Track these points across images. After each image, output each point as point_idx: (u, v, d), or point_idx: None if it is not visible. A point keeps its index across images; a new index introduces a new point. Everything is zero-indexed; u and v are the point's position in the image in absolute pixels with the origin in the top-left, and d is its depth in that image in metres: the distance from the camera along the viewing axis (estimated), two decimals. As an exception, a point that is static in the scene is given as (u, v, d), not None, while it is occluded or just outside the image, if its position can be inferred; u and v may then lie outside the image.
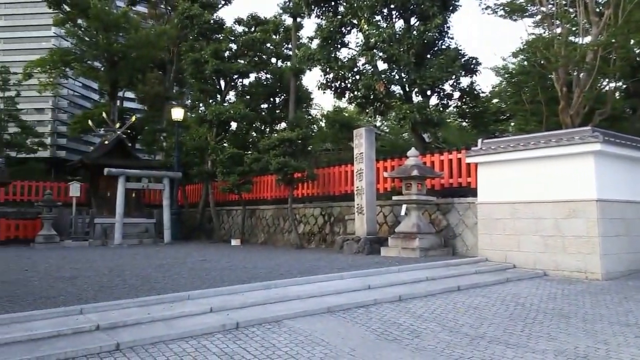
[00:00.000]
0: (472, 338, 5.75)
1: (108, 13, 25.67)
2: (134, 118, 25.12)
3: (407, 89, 17.27)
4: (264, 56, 23.54)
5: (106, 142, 22.37)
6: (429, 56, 16.73)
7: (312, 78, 42.26)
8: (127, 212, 19.80)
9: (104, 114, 23.71)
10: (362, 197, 14.08)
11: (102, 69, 28.87)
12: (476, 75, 17.39)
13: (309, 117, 26.82)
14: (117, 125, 23.58)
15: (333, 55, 18.08)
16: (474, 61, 17.09)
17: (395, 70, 16.83)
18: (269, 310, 6.68)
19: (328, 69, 18.07)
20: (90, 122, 26.07)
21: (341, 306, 7.07)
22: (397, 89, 17.73)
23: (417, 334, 5.91)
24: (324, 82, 18.60)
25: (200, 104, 25.02)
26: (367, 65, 17.52)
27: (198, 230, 22.86)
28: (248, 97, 24.54)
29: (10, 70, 33.35)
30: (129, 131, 24.79)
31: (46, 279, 8.61)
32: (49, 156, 53.72)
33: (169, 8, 32.19)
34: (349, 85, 18.37)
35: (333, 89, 18.76)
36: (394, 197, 13.51)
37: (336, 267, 10.22)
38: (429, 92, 16.98)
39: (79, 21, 27.18)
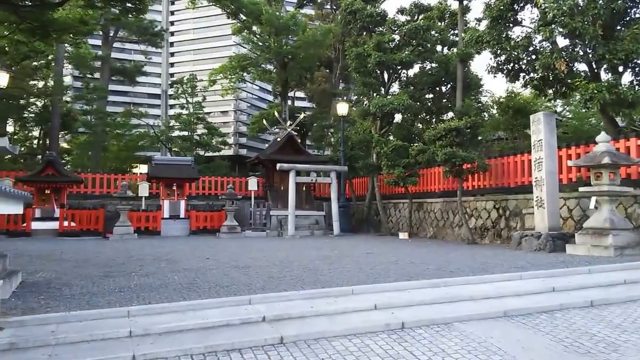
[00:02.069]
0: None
1: (278, 18, 27.27)
2: (302, 115, 26.22)
3: (594, 66, 15.00)
4: (428, 44, 22.63)
5: (278, 139, 23.70)
6: (619, 27, 14.42)
7: (480, 63, 39.74)
8: (299, 205, 20.68)
9: (275, 113, 25.18)
10: (541, 188, 12.60)
11: (274, 71, 30.77)
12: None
13: (479, 104, 25.09)
14: (288, 123, 24.83)
15: (504, 35, 16.51)
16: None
17: (579, 46, 14.75)
18: (437, 311, 6.11)
19: (499, 51, 16.57)
20: (264, 121, 27.95)
21: (520, 310, 6.22)
22: (581, 66, 15.53)
23: (615, 348, 4.87)
24: (495, 65, 17.12)
25: (364, 98, 25.12)
26: (544, 43, 15.68)
27: (366, 223, 22.98)
28: (412, 87, 23.92)
29: (197, 77, 37.77)
30: (297, 127, 25.97)
31: (223, 268, 9.14)
32: (232, 154, 59.65)
33: (334, 7, 33.03)
34: (523, 66, 16.66)
35: (505, 72, 17.16)
36: (581, 189, 11.87)
37: (514, 265, 9.23)
38: (620, 68, 14.59)
39: (254, 28, 29.34)
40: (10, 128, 34.96)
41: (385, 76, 22.65)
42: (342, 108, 22.88)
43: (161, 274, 8.25)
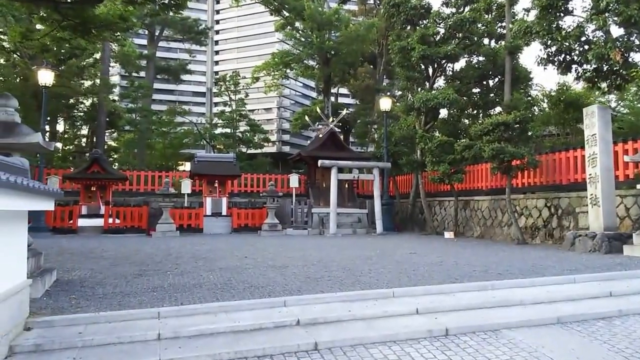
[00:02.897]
0: None
1: (321, 13, 27.09)
2: (344, 111, 25.94)
3: (651, 56, 14.00)
4: (474, 37, 21.86)
5: (320, 136, 23.51)
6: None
7: (529, 55, 38.18)
8: (341, 203, 20.43)
9: (317, 109, 24.98)
10: (596, 185, 11.90)
11: (317, 67, 30.60)
12: None
13: (528, 98, 24.03)
14: (331, 119, 24.60)
15: (555, 25, 15.79)
16: None
17: (635, 35, 13.79)
18: (484, 317, 5.77)
19: (549, 41, 15.85)
20: (306, 118, 27.81)
21: (575, 316, 5.83)
22: (637, 56, 14.59)
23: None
24: (545, 56, 16.42)
25: (408, 93, 24.59)
26: (597, 32, 14.90)
27: (410, 221, 22.59)
28: (458, 82, 23.24)
29: (241, 75, 38.06)
30: (339, 124, 25.73)
31: (260, 267, 8.98)
32: (275, 151, 60.04)
33: (378, 2, 32.52)
34: (575, 57, 15.93)
35: (556, 64, 16.41)
36: (639, 186, 11.00)
37: (567, 267, 8.68)
38: (680, 59, 13.49)
39: (296, 24, 29.27)
40: (60, 127, 36.32)
41: (430, 70, 22.07)
42: (385, 103, 22.44)
43: (196, 273, 8.17)
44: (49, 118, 32.40)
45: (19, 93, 26.50)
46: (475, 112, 25.05)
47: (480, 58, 23.62)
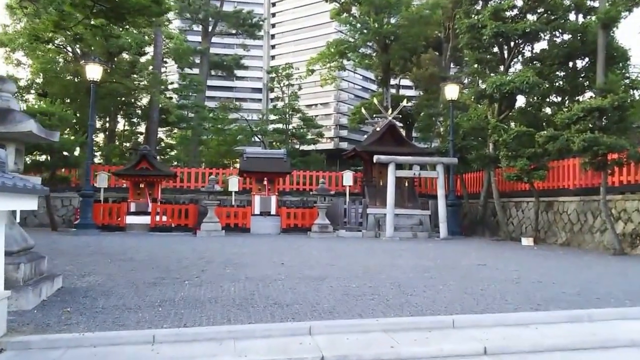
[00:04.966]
0: None
1: (378, -6, 25.76)
2: (404, 102, 24.56)
3: None
4: (558, 11, 19.62)
5: (377, 129, 22.44)
6: None
7: (628, 29, 34.20)
8: (400, 203, 19.27)
9: (374, 100, 23.78)
10: None
11: (374, 55, 29.41)
12: None
13: (626, 80, 21.41)
14: (390, 111, 23.48)
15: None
16: None
17: None
18: (581, 363, 4.33)
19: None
20: (363, 111, 26.70)
21: None
22: None
23: None
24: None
25: (478, 78, 22.77)
26: None
27: (480, 224, 21.08)
28: (538, 63, 21.19)
29: (297, 68, 37.49)
30: (399, 115, 24.36)
31: (293, 278, 7.97)
32: (332, 148, 59.35)
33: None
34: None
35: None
36: None
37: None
38: None
39: (353, 10, 28.28)
40: (121, 125, 37.52)
41: (505, 51, 20.24)
42: (451, 91, 20.85)
43: (217, 284, 7.43)
44: (107, 116, 33.59)
45: (73, 90, 27.38)
46: (559, 98, 22.89)
47: (566, 36, 21.28)
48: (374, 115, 24.90)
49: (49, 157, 19.18)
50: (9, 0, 24.53)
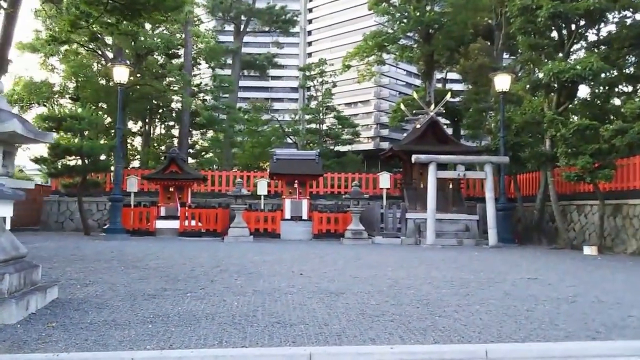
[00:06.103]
0: None
1: (420, -21, 25.15)
2: (448, 95, 23.87)
3: None
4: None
5: (418, 127, 21.92)
6: None
7: None
8: (444, 207, 18.88)
9: (414, 95, 23.13)
10: None
11: (415, 46, 28.73)
12: None
13: None
14: (432, 106, 22.98)
15: None
16: None
17: None
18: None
19: None
20: (402, 107, 26.07)
21: None
22: None
23: None
24: None
25: (533, 66, 21.72)
26: None
27: (535, 231, 20.31)
28: (604, 47, 20.13)
29: (334, 65, 37.26)
30: (444, 110, 23.59)
31: (305, 292, 7.43)
32: (372, 148, 58.92)
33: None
34: None
35: None
36: None
37: None
38: None
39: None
40: (158, 129, 38.51)
41: (564, 35, 19.31)
42: (502, 81, 20.02)
43: (221, 297, 7.06)
44: (143, 120, 34.40)
45: (104, 94, 28.17)
46: (630, 88, 21.86)
47: (638, 16, 20.07)
48: (415, 112, 24.35)
49: (81, 162, 19.97)
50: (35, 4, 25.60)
